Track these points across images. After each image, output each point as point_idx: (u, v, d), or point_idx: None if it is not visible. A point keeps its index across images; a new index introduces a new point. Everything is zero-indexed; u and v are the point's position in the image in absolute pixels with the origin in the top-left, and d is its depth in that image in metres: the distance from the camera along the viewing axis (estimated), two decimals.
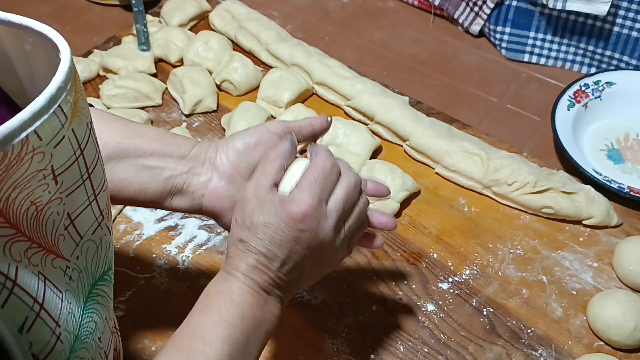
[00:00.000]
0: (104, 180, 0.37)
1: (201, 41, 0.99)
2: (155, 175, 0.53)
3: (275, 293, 0.49)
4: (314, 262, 0.50)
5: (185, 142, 0.55)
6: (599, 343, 0.67)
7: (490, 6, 1.00)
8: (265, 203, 0.47)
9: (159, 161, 0.53)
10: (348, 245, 0.53)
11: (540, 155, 0.86)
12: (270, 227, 0.47)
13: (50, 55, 0.32)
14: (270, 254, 0.47)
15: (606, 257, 0.74)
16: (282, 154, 0.50)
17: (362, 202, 0.53)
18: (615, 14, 0.91)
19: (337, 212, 0.49)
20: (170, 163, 0.53)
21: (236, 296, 0.46)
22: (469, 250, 0.75)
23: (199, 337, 0.44)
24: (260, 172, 0.50)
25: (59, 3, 1.17)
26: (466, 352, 0.66)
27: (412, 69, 1.02)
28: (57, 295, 0.33)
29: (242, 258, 0.47)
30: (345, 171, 0.52)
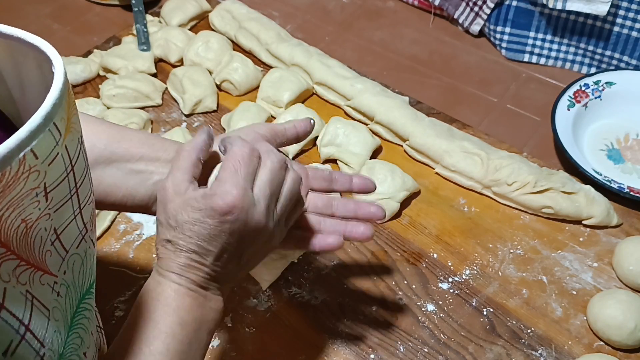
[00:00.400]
0: (90, 193, 0.36)
1: (201, 41, 0.99)
2: (144, 180, 0.52)
3: (214, 286, 0.47)
4: (251, 249, 0.48)
5: (173, 145, 0.54)
6: (599, 343, 0.67)
7: (490, 6, 1.00)
8: (188, 200, 0.45)
9: (147, 165, 0.52)
10: (285, 224, 0.52)
11: (540, 155, 0.86)
12: (197, 224, 0.44)
13: (41, 67, 0.32)
14: (202, 250, 0.45)
15: (606, 257, 0.74)
16: (197, 147, 0.48)
17: (291, 179, 0.50)
18: (615, 14, 0.91)
19: (265, 197, 0.47)
20: (158, 167, 0.52)
21: (172, 301, 0.44)
22: (469, 250, 0.75)
23: (135, 357, 0.41)
24: (176, 168, 0.47)
25: (59, 3, 1.17)
26: (466, 352, 0.66)
27: (412, 69, 1.02)
28: (43, 314, 0.32)
29: (173, 258, 0.45)
30: (266, 153, 0.49)
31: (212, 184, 0.46)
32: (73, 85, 0.97)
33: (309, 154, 0.87)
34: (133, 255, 0.75)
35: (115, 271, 0.74)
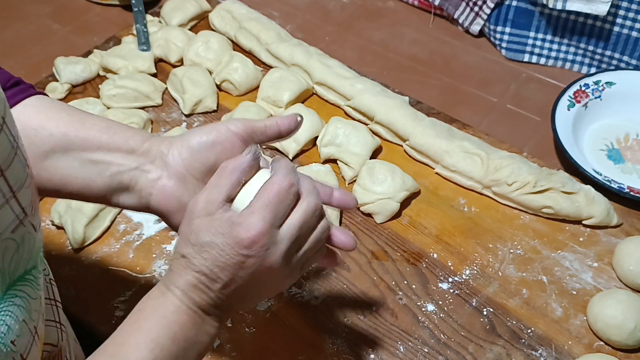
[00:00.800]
0: (25, 177, 0.35)
1: (201, 41, 0.99)
2: (101, 171, 0.49)
3: (215, 313, 0.46)
4: (260, 286, 0.47)
5: (136, 135, 0.51)
6: (599, 343, 0.67)
7: (490, 6, 1.00)
8: (214, 221, 0.44)
9: (105, 155, 0.49)
10: (301, 270, 0.49)
11: (540, 155, 0.86)
12: (216, 247, 0.43)
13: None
14: (213, 275, 0.44)
15: (606, 257, 0.74)
16: (241, 167, 0.46)
17: (321, 228, 0.48)
18: (615, 14, 0.91)
19: (290, 240, 0.45)
20: (117, 158, 0.49)
21: (170, 314, 0.43)
22: (469, 250, 0.75)
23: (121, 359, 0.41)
24: (214, 185, 0.46)
25: (59, 3, 1.17)
26: (466, 352, 0.66)
27: (412, 69, 1.02)
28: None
29: (183, 274, 0.44)
30: (307, 193, 0.47)
31: (242, 212, 0.44)
32: (73, 85, 0.97)
33: (309, 154, 0.87)
34: (133, 255, 0.75)
35: (115, 271, 0.74)
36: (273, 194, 0.44)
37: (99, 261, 0.75)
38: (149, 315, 0.44)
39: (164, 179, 0.49)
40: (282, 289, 0.52)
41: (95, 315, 0.70)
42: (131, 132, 0.51)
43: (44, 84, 0.97)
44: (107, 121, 0.52)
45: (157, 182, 0.49)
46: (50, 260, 0.75)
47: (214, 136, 0.49)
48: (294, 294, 0.71)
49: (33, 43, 1.08)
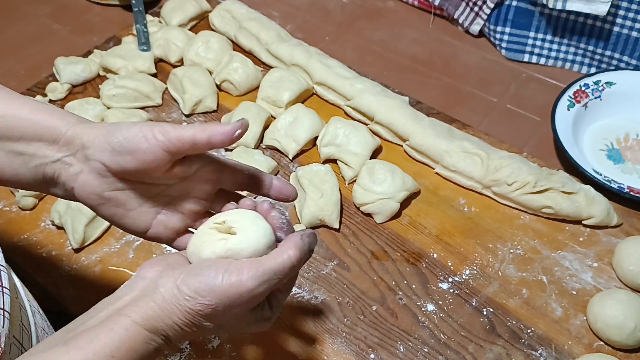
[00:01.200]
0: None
1: (201, 41, 0.99)
2: (26, 162, 0.47)
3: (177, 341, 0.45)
4: (225, 329, 0.47)
5: (60, 121, 0.47)
6: (599, 343, 0.67)
7: (490, 6, 1.00)
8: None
9: (28, 146, 0.47)
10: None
11: (540, 155, 0.86)
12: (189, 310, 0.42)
13: None
14: (176, 334, 0.43)
15: (606, 257, 0.74)
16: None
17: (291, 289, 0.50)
18: (615, 14, 0.91)
19: (275, 312, 0.47)
20: (40, 149, 0.47)
21: (125, 331, 0.41)
22: (469, 250, 0.75)
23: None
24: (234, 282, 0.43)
25: (59, 3, 1.17)
26: (466, 352, 0.66)
27: (412, 69, 1.02)
28: None
29: (161, 317, 0.42)
30: (294, 278, 0.49)
31: (226, 278, 0.42)
32: (73, 85, 0.97)
33: (309, 154, 0.87)
34: (133, 255, 0.75)
35: (115, 271, 0.74)
36: (275, 274, 0.43)
37: (99, 261, 0.75)
38: (102, 324, 0.42)
39: (84, 174, 0.47)
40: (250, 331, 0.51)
41: None
42: (55, 117, 0.47)
43: (44, 84, 0.97)
44: (33, 104, 0.48)
45: (78, 177, 0.47)
46: (50, 260, 0.76)
47: (135, 144, 0.45)
48: (294, 294, 0.71)
49: (33, 43, 1.08)
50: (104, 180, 0.47)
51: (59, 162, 0.47)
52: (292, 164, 0.86)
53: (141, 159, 0.45)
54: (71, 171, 0.47)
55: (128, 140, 0.45)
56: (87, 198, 0.48)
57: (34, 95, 0.95)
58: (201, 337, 0.48)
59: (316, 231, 0.78)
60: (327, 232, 0.78)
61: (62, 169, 0.47)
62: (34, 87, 0.97)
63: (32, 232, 0.78)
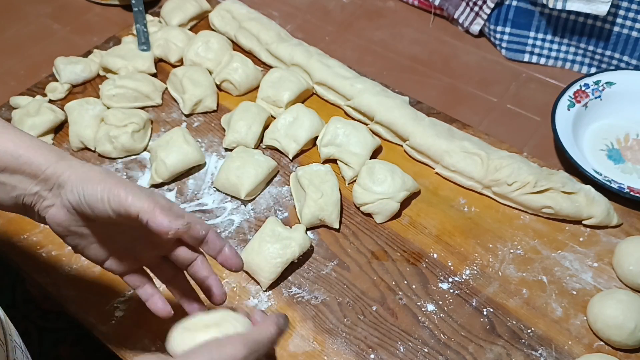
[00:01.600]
0: None
1: (201, 41, 0.99)
2: (8, 192, 0.52)
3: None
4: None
5: (42, 158, 0.52)
6: (599, 343, 0.67)
7: (490, 6, 1.00)
8: None
9: (10, 178, 0.51)
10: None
11: (540, 155, 0.86)
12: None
13: None
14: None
15: (606, 257, 0.74)
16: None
17: None
18: (615, 14, 0.91)
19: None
20: (21, 182, 0.52)
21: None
22: (469, 250, 0.75)
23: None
24: None
25: (59, 3, 1.17)
26: (466, 352, 0.66)
27: (412, 69, 1.02)
28: None
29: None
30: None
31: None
32: (73, 85, 0.97)
33: (309, 154, 0.87)
34: None
35: None
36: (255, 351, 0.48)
37: None
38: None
39: (55, 208, 0.53)
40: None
41: (95, 315, 0.70)
42: (39, 154, 0.52)
43: (44, 84, 0.97)
44: (19, 135, 0.53)
45: (50, 209, 0.53)
46: (50, 260, 0.76)
47: (93, 203, 0.50)
48: (294, 294, 0.71)
49: (33, 43, 1.08)
50: (71, 216, 0.52)
51: (36, 194, 0.52)
52: (292, 164, 0.86)
53: (96, 213, 0.51)
54: (44, 203, 0.53)
55: (87, 198, 0.50)
56: (56, 228, 0.54)
57: (33, 95, 0.95)
58: None
59: (316, 231, 0.78)
60: (327, 232, 0.78)
61: (37, 200, 0.53)
62: (34, 87, 0.97)
63: (32, 232, 0.78)
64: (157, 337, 0.68)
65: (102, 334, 0.68)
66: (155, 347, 0.67)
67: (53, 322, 0.91)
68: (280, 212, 0.80)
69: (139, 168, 0.86)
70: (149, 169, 0.86)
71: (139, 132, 0.87)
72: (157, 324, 0.69)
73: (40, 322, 0.81)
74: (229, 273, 0.73)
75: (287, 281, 0.73)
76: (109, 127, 0.86)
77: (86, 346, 0.86)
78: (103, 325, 0.69)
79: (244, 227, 0.78)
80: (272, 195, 0.82)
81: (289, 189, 0.82)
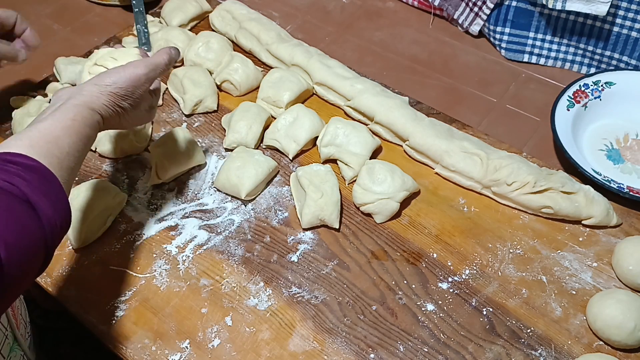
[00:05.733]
0: None
1: (201, 41, 0.99)
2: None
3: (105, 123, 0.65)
4: (137, 111, 0.69)
5: None
6: (599, 343, 0.67)
7: (490, 6, 1.00)
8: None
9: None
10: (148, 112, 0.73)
11: (540, 155, 0.86)
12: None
13: None
14: (119, 103, 0.66)
15: (606, 257, 0.74)
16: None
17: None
18: (615, 14, 0.91)
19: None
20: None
21: (79, 114, 0.60)
22: (468, 250, 0.75)
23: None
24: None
25: (59, 3, 1.17)
26: (466, 351, 0.66)
27: (412, 69, 1.02)
28: None
29: (102, 100, 0.64)
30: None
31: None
32: (73, 85, 0.97)
33: (309, 154, 0.88)
34: (133, 255, 0.76)
35: (115, 271, 0.74)
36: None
37: (99, 261, 0.75)
38: (66, 107, 0.60)
39: None
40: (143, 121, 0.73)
41: (95, 315, 0.70)
42: None
43: (45, 84, 0.97)
44: None
45: None
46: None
47: None
48: (294, 294, 0.71)
49: None
50: None
51: None
52: (292, 164, 0.86)
53: None
54: None
55: None
56: None
57: (34, 95, 0.95)
58: (125, 123, 0.68)
59: (316, 231, 0.78)
60: (327, 232, 0.78)
61: None
62: (35, 87, 0.97)
63: None
64: (157, 336, 0.68)
65: (102, 333, 0.68)
66: (155, 346, 0.67)
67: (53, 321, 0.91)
68: (281, 212, 0.80)
69: (140, 168, 0.86)
70: (150, 169, 0.86)
71: (139, 132, 0.88)
72: (157, 324, 0.69)
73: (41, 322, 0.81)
74: (228, 273, 0.73)
75: (287, 281, 0.73)
76: None
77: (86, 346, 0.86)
78: (103, 325, 0.69)
79: (244, 227, 0.78)
80: (272, 195, 0.82)
81: (289, 189, 0.83)
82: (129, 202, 0.81)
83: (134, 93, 0.66)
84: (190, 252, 0.76)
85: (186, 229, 0.78)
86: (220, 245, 0.76)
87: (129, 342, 0.68)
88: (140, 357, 0.66)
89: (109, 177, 0.84)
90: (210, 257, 0.75)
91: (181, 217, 0.80)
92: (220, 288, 0.72)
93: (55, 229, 0.51)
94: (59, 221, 0.52)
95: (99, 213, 0.77)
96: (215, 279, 0.73)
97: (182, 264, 0.75)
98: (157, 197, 0.82)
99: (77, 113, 0.60)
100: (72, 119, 0.59)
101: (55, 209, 0.51)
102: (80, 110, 0.60)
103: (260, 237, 0.77)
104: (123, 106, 0.66)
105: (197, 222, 0.79)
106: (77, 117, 0.59)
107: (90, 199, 0.77)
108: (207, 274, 0.74)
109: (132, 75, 0.65)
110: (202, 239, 0.77)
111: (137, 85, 0.66)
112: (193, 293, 0.72)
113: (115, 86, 0.64)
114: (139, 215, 0.80)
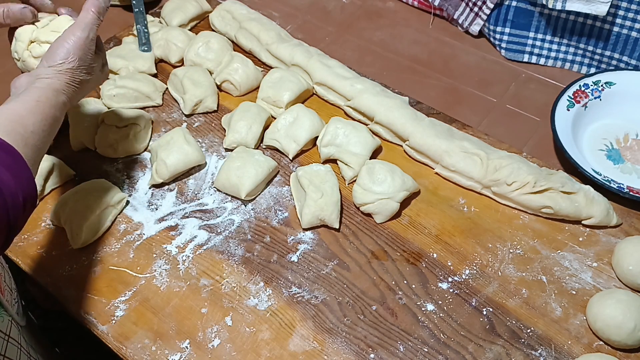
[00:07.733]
0: None
1: (201, 41, 0.99)
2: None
3: (68, 97, 0.67)
4: (95, 77, 0.71)
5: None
6: (599, 343, 0.67)
7: (490, 6, 1.00)
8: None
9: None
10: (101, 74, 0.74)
11: (540, 155, 0.86)
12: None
13: None
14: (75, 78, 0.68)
15: (606, 257, 0.74)
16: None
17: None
18: (615, 14, 0.91)
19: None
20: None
21: (43, 92, 0.63)
22: (468, 250, 0.75)
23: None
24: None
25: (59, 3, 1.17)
26: (466, 351, 0.66)
27: (412, 69, 1.02)
28: None
29: (60, 79, 0.66)
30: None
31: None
32: None
33: (309, 154, 0.88)
34: (133, 255, 0.76)
35: (115, 271, 0.74)
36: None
37: (99, 261, 0.75)
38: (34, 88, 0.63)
39: None
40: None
41: (95, 315, 0.70)
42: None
43: None
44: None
45: None
46: (50, 260, 0.76)
47: None
48: (294, 294, 0.71)
49: None
50: None
51: None
52: (292, 164, 0.86)
53: None
54: None
55: None
56: None
57: None
58: (85, 92, 0.71)
59: (316, 231, 0.78)
60: (327, 232, 0.78)
61: None
62: None
63: (32, 232, 0.79)
64: (157, 336, 0.68)
65: (102, 333, 0.68)
66: (155, 346, 0.67)
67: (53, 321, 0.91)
68: (281, 212, 0.80)
69: (140, 168, 0.86)
70: (150, 169, 0.86)
71: (139, 132, 0.88)
72: (157, 324, 0.69)
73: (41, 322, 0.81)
74: (228, 273, 0.73)
75: (287, 281, 0.73)
76: (109, 127, 0.87)
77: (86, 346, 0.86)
78: (103, 325, 0.69)
79: (244, 227, 0.78)
80: (272, 195, 0.82)
81: (289, 189, 0.83)
82: (129, 202, 0.81)
83: (85, 61, 0.68)
84: (190, 252, 0.76)
85: (186, 229, 0.78)
86: (220, 245, 0.76)
87: (129, 342, 0.68)
88: (140, 357, 0.66)
89: (109, 177, 0.84)
90: (210, 257, 0.75)
91: (181, 217, 0.80)
92: (220, 288, 0.72)
93: (17, 201, 0.52)
94: (22, 195, 0.52)
95: (99, 213, 0.77)
96: (215, 279, 0.73)
97: (182, 264, 0.75)
98: (157, 197, 0.82)
99: (42, 95, 0.62)
100: (37, 100, 0.61)
101: (17, 182, 0.52)
102: (44, 92, 0.62)
103: (260, 237, 0.77)
104: (81, 79, 0.68)
105: (197, 222, 0.79)
106: (41, 98, 0.61)
107: (90, 199, 0.77)
108: (207, 274, 0.74)
109: (76, 43, 0.67)
110: (202, 239, 0.77)
111: (84, 52, 0.67)
112: (193, 293, 0.72)
113: (68, 61, 0.66)
114: (139, 215, 0.80)
